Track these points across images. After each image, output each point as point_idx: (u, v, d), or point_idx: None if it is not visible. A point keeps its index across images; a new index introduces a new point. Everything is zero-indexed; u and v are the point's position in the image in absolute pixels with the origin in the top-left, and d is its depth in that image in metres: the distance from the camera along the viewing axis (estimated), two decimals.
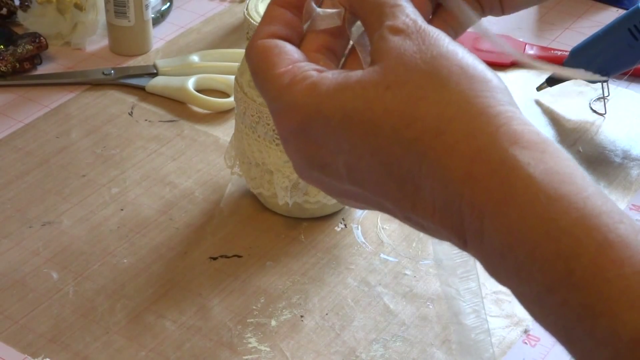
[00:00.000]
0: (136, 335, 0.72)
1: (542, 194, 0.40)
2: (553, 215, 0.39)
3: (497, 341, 0.72)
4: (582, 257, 0.38)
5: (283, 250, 0.80)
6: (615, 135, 0.95)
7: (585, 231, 0.39)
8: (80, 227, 0.81)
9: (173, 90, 0.97)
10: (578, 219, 0.39)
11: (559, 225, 0.39)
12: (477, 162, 0.41)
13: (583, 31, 1.08)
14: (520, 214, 0.40)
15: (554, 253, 0.39)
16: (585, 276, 0.38)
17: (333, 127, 0.44)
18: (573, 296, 0.39)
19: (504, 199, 0.40)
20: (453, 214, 0.42)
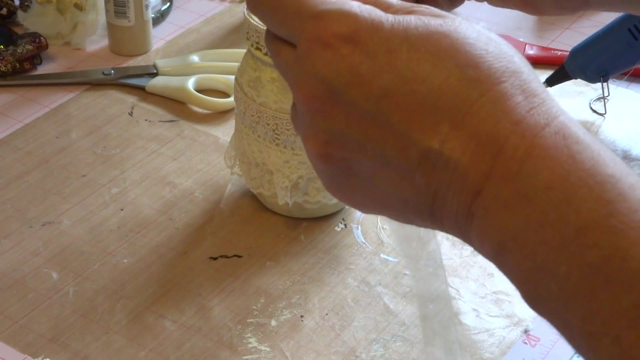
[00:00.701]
0: (136, 335, 0.72)
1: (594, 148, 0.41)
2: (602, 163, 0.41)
3: (497, 341, 0.72)
4: (623, 203, 0.39)
5: (283, 250, 0.80)
6: (615, 135, 0.95)
7: (629, 184, 0.40)
8: (80, 227, 0.81)
9: (173, 90, 0.97)
10: (622, 174, 0.40)
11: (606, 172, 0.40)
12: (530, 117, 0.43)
13: (583, 31, 1.08)
14: (567, 159, 0.41)
15: (596, 196, 0.40)
16: (623, 220, 0.39)
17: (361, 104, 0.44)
18: (606, 238, 0.39)
19: (556, 145, 0.41)
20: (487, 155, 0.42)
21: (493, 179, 0.42)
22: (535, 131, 0.42)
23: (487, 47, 0.44)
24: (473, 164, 0.42)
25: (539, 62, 1.05)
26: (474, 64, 0.43)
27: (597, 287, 0.39)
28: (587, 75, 0.95)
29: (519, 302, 0.75)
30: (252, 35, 0.76)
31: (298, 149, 0.77)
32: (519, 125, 0.42)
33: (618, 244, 0.39)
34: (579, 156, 0.41)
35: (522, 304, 0.77)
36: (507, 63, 0.44)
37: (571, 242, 0.40)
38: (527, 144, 0.41)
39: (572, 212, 0.40)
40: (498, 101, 0.42)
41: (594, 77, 0.95)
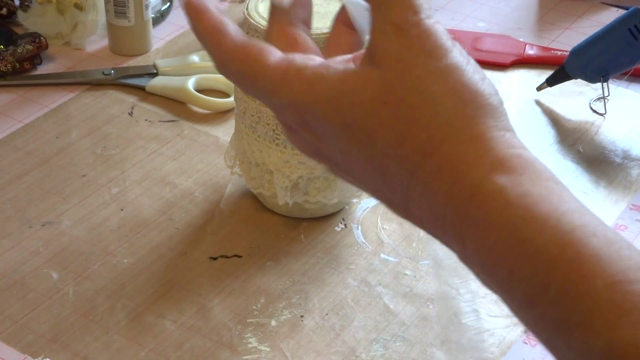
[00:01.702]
0: (136, 335, 0.72)
1: (517, 217, 0.41)
2: (527, 235, 0.41)
3: (497, 341, 0.72)
4: (556, 273, 0.40)
5: (283, 250, 0.80)
6: (615, 135, 0.95)
7: (559, 248, 0.40)
8: (80, 227, 0.81)
9: (173, 90, 0.97)
10: (552, 237, 0.41)
11: (533, 244, 0.41)
12: (457, 187, 0.43)
13: (583, 31, 1.08)
14: (497, 237, 0.42)
15: (529, 271, 0.41)
16: (560, 291, 0.40)
17: (331, 129, 0.45)
18: (549, 310, 0.40)
19: (482, 223, 0.42)
20: (439, 230, 0.44)
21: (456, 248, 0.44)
22: (464, 206, 0.43)
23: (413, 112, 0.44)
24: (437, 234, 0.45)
25: (539, 62, 1.05)
26: (399, 141, 0.45)
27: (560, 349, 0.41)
28: (587, 75, 0.95)
29: None
30: (252, 36, 0.76)
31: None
32: (449, 204, 0.43)
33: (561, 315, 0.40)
34: (504, 233, 0.42)
35: None
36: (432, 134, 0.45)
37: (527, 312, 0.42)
38: (459, 222, 0.43)
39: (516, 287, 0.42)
40: (427, 180, 0.44)
41: (594, 77, 0.95)
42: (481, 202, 0.42)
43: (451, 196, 0.43)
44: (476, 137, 0.43)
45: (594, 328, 0.39)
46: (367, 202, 0.85)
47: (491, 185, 0.42)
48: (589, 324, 0.39)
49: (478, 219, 0.42)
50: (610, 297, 0.39)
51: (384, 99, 0.44)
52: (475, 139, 0.43)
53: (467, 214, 0.42)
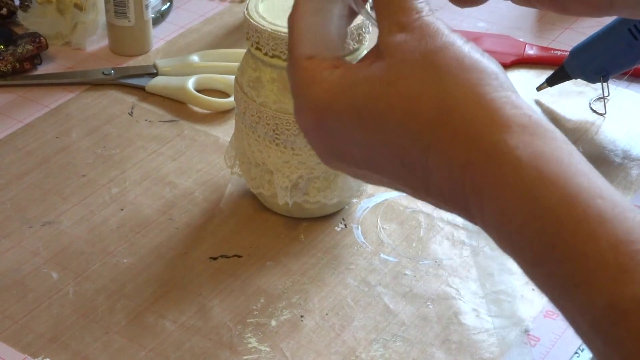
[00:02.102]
0: (136, 335, 0.72)
1: (528, 176, 0.43)
2: (537, 194, 0.43)
3: (497, 341, 0.72)
4: (562, 233, 0.42)
5: (283, 250, 0.80)
6: (615, 135, 0.95)
7: (566, 208, 0.42)
8: (80, 227, 0.81)
9: (173, 90, 0.97)
10: (560, 198, 0.43)
11: (542, 204, 0.43)
12: (474, 150, 0.45)
13: (583, 31, 1.08)
14: (510, 196, 0.43)
15: (538, 230, 0.43)
16: (565, 250, 0.42)
17: (346, 122, 0.48)
18: (556, 269, 0.42)
19: (497, 182, 0.44)
20: (459, 198, 0.46)
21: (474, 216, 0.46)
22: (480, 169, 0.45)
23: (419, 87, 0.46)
24: (456, 207, 0.47)
25: (539, 62, 1.05)
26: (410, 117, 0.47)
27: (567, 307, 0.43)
28: (587, 75, 0.95)
29: (519, 302, 0.76)
30: (252, 35, 0.76)
31: (298, 149, 0.77)
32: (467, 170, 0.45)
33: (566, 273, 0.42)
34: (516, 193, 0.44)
35: (522, 304, 0.78)
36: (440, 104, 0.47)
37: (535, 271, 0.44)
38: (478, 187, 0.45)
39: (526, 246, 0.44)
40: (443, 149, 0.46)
41: (594, 77, 0.95)
42: (497, 163, 0.44)
43: (469, 160, 0.45)
44: (482, 99, 0.45)
45: (597, 286, 0.41)
46: (367, 202, 0.85)
47: (505, 147, 0.44)
48: (592, 282, 0.41)
49: (495, 180, 0.44)
50: (614, 256, 0.41)
51: (388, 80, 0.46)
52: (481, 101, 0.45)
53: (485, 175, 0.44)
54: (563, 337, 0.73)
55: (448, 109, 0.45)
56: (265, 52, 0.75)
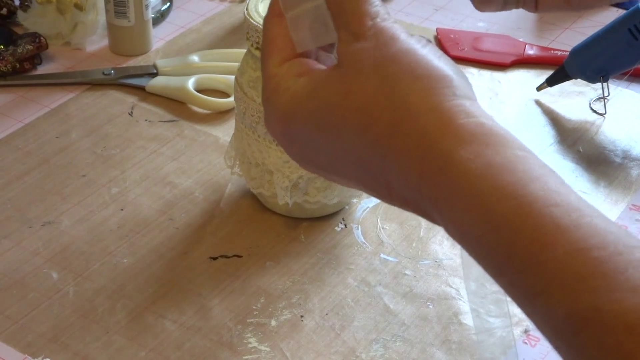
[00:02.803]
0: (136, 335, 0.72)
1: (481, 188, 0.43)
2: (491, 206, 0.43)
3: (497, 341, 0.72)
4: (519, 244, 0.42)
5: (283, 250, 0.80)
6: (615, 135, 0.95)
7: (521, 218, 0.42)
8: (80, 227, 0.81)
9: (173, 90, 0.97)
10: (514, 208, 0.42)
11: (497, 215, 0.42)
12: (427, 161, 0.44)
13: (583, 31, 1.08)
14: (464, 208, 0.43)
15: (495, 241, 0.43)
16: (523, 261, 0.42)
17: (308, 131, 0.49)
18: (515, 279, 0.42)
19: (451, 194, 0.44)
20: (420, 206, 0.46)
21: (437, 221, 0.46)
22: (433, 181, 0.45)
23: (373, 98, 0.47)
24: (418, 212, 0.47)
25: (539, 62, 1.05)
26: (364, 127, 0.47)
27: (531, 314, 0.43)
28: (587, 75, 0.95)
29: None
30: (252, 35, 0.76)
31: None
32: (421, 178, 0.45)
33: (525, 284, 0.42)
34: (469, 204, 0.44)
35: None
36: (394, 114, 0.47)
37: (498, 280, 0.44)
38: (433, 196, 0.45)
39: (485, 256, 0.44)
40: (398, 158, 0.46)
41: (594, 77, 0.95)
42: (449, 174, 0.44)
43: (422, 171, 0.45)
44: (434, 108, 0.45)
45: (555, 295, 0.40)
46: (367, 202, 0.85)
47: (457, 158, 0.44)
48: (550, 292, 0.41)
49: (448, 191, 0.44)
50: (570, 264, 0.40)
51: (343, 91, 0.47)
52: (433, 110, 0.45)
53: (438, 186, 0.44)
54: None
55: (400, 119, 0.45)
56: None
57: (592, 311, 0.39)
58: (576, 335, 0.40)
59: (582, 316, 0.40)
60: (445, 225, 0.45)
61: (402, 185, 0.46)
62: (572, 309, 0.40)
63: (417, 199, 0.46)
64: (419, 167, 0.45)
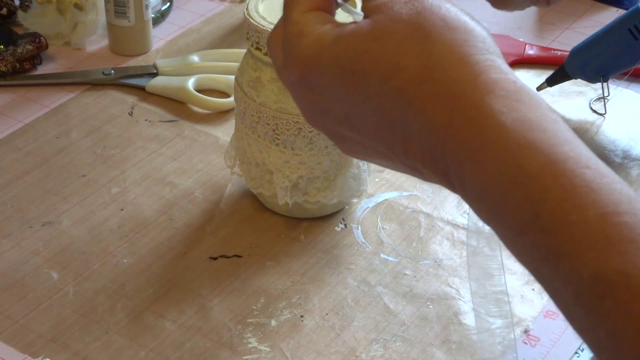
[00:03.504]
0: (136, 335, 0.72)
1: (512, 142, 0.42)
2: (521, 161, 0.42)
3: (497, 341, 0.72)
4: (548, 202, 0.41)
5: (283, 250, 0.80)
6: (615, 135, 0.95)
7: (552, 176, 0.41)
8: (80, 227, 0.81)
9: (173, 90, 0.97)
10: (545, 165, 0.41)
11: (526, 171, 0.41)
12: (456, 111, 0.43)
13: (583, 31, 1.08)
14: (493, 161, 0.42)
15: (522, 198, 0.41)
16: (551, 220, 0.41)
17: (330, 77, 0.47)
18: (540, 238, 0.41)
19: (479, 146, 0.43)
20: (439, 161, 0.45)
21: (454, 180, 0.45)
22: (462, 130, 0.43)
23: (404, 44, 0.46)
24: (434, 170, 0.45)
25: (539, 62, 1.05)
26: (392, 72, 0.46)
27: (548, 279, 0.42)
28: (587, 75, 0.95)
29: (519, 302, 0.76)
30: (252, 35, 0.76)
31: (298, 149, 0.77)
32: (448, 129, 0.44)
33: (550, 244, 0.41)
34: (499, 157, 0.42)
35: (522, 304, 0.78)
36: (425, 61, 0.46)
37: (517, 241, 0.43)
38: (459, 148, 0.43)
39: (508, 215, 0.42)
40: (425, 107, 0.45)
41: (594, 77, 0.95)
42: (480, 126, 0.43)
43: (450, 121, 0.43)
44: (466, 60, 0.44)
45: (583, 257, 0.39)
46: (367, 202, 0.85)
47: (489, 109, 0.43)
48: (578, 253, 0.40)
49: (477, 143, 0.43)
50: (601, 227, 0.39)
51: (373, 36, 0.46)
52: (465, 62, 0.44)
53: (466, 138, 0.43)
54: (563, 337, 0.73)
55: (432, 67, 0.44)
56: (265, 52, 0.75)
57: (621, 276, 0.38)
58: (601, 300, 0.39)
59: (610, 280, 0.39)
60: (462, 185, 0.44)
61: (423, 138, 0.45)
62: (599, 272, 0.39)
63: (437, 153, 0.44)
64: (446, 117, 0.43)
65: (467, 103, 0.43)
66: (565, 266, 0.40)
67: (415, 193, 0.86)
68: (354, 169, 0.80)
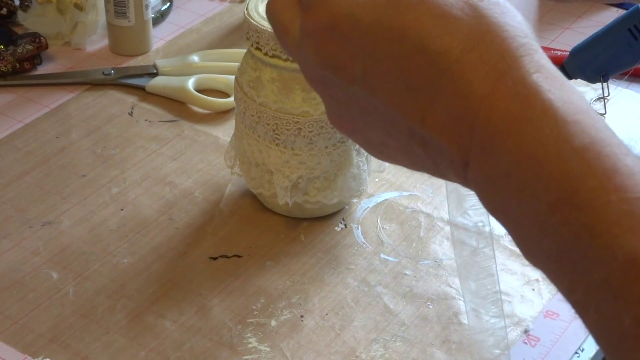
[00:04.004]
0: (136, 335, 0.72)
1: (559, 118, 0.41)
2: (566, 136, 0.41)
3: (497, 341, 0.72)
4: (589, 179, 0.40)
5: (283, 250, 0.80)
6: None
7: (595, 155, 0.40)
8: (80, 227, 0.81)
9: (173, 90, 0.97)
10: (589, 144, 0.41)
11: (570, 146, 0.41)
12: (501, 81, 0.43)
13: (583, 31, 1.08)
14: (535, 133, 0.41)
15: (562, 172, 0.40)
16: (590, 197, 0.40)
17: (361, 29, 0.45)
18: (574, 215, 0.40)
19: (522, 117, 0.42)
20: (463, 129, 0.43)
21: (474, 154, 0.43)
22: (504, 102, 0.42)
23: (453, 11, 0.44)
24: (453, 140, 0.44)
25: None
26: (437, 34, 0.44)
27: (574, 261, 0.40)
28: (587, 75, 0.95)
29: (519, 302, 0.76)
30: (252, 35, 0.76)
31: (298, 149, 0.77)
32: (487, 99, 0.43)
33: (585, 222, 0.39)
34: (543, 130, 0.41)
35: (522, 304, 0.77)
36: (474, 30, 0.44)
37: (546, 218, 0.41)
38: (495, 118, 0.42)
39: (542, 189, 0.41)
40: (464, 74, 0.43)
41: (594, 77, 0.95)
42: (525, 98, 0.42)
43: (492, 90, 0.42)
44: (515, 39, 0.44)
45: (620, 238, 0.38)
46: (367, 202, 0.85)
47: (536, 86, 0.42)
48: (615, 233, 0.39)
49: (519, 113, 0.42)
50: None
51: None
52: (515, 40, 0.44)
53: (507, 107, 0.42)
54: (563, 337, 0.73)
55: (479, 38, 0.43)
56: (265, 52, 0.75)
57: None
58: (633, 284, 0.38)
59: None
60: (484, 160, 0.43)
61: (451, 105, 0.43)
62: (635, 255, 0.38)
63: (463, 122, 0.43)
64: (488, 87, 0.42)
65: (514, 76, 0.42)
66: (599, 246, 0.39)
67: (415, 193, 0.86)
68: (354, 169, 0.80)
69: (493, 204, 0.44)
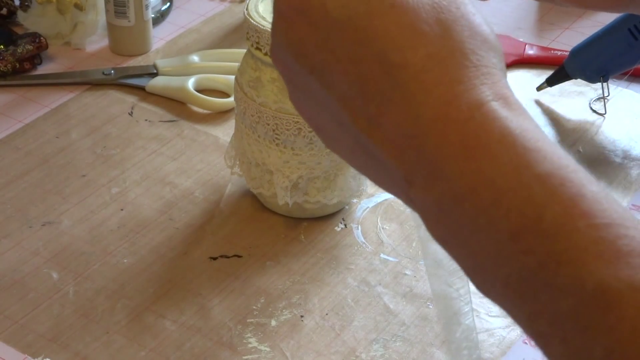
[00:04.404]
0: (136, 335, 0.72)
1: (518, 144, 0.40)
2: (527, 163, 0.39)
3: (497, 341, 0.73)
4: (554, 205, 0.38)
5: (283, 250, 0.80)
6: (615, 135, 0.95)
7: (559, 182, 0.39)
8: (80, 227, 0.81)
9: (173, 90, 0.97)
10: (552, 170, 0.39)
11: (532, 172, 0.39)
12: (453, 106, 0.41)
13: (583, 31, 1.08)
14: (493, 159, 0.40)
15: (524, 198, 0.39)
16: (556, 223, 0.38)
17: (329, 21, 0.44)
18: (539, 242, 0.38)
19: (477, 143, 0.40)
20: (409, 148, 0.42)
21: (421, 175, 0.42)
22: (457, 126, 0.41)
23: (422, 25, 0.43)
24: (396, 156, 0.42)
25: (539, 62, 1.05)
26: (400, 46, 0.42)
27: (537, 290, 0.39)
28: (587, 75, 0.95)
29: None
30: (252, 35, 0.76)
31: (298, 149, 0.77)
32: (437, 122, 0.41)
33: (551, 249, 0.38)
34: (501, 157, 0.40)
35: None
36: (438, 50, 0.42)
37: (505, 246, 0.39)
38: (448, 143, 0.41)
39: (501, 216, 0.39)
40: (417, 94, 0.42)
41: (594, 77, 0.95)
42: (481, 124, 0.40)
43: (444, 115, 0.41)
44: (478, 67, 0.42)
45: (589, 265, 0.37)
46: (367, 202, 0.85)
47: (494, 113, 0.41)
48: (583, 261, 0.37)
49: (473, 139, 0.40)
50: (609, 237, 0.37)
51: (392, 2, 0.43)
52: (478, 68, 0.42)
53: (461, 132, 0.40)
54: None
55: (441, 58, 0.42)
56: (265, 52, 0.75)
57: (629, 289, 0.36)
58: (604, 314, 0.36)
59: (616, 293, 0.36)
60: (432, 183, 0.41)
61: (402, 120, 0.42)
62: (605, 283, 0.36)
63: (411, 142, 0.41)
64: (440, 111, 0.41)
65: (470, 101, 0.41)
66: (566, 274, 0.37)
67: None
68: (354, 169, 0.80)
69: (441, 229, 0.42)
